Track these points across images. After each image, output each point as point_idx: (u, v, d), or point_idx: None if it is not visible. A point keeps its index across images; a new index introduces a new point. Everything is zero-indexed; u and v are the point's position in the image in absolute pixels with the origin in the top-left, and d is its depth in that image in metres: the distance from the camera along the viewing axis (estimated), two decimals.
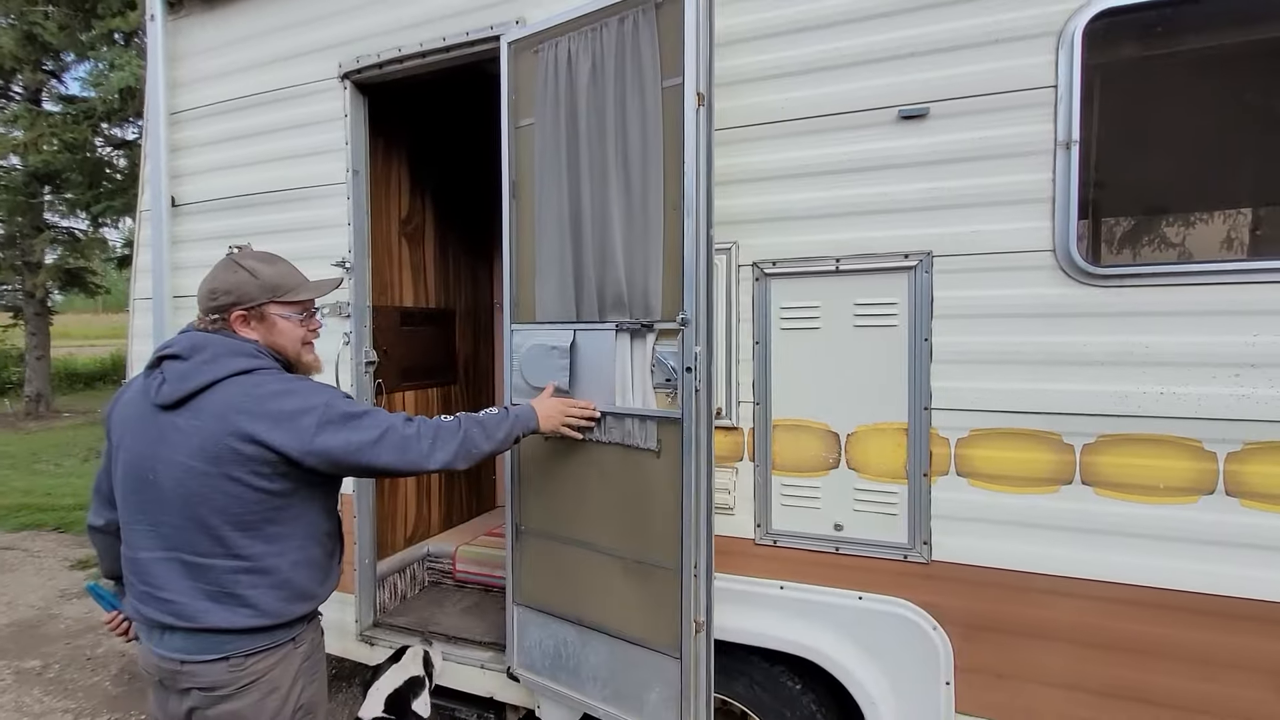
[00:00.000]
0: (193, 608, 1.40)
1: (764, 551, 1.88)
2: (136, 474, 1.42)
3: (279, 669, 1.48)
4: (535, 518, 2.09)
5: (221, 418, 1.35)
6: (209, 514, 1.37)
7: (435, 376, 3.03)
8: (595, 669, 1.96)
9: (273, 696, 1.48)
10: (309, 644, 1.56)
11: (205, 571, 1.40)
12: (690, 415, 1.71)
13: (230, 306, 1.45)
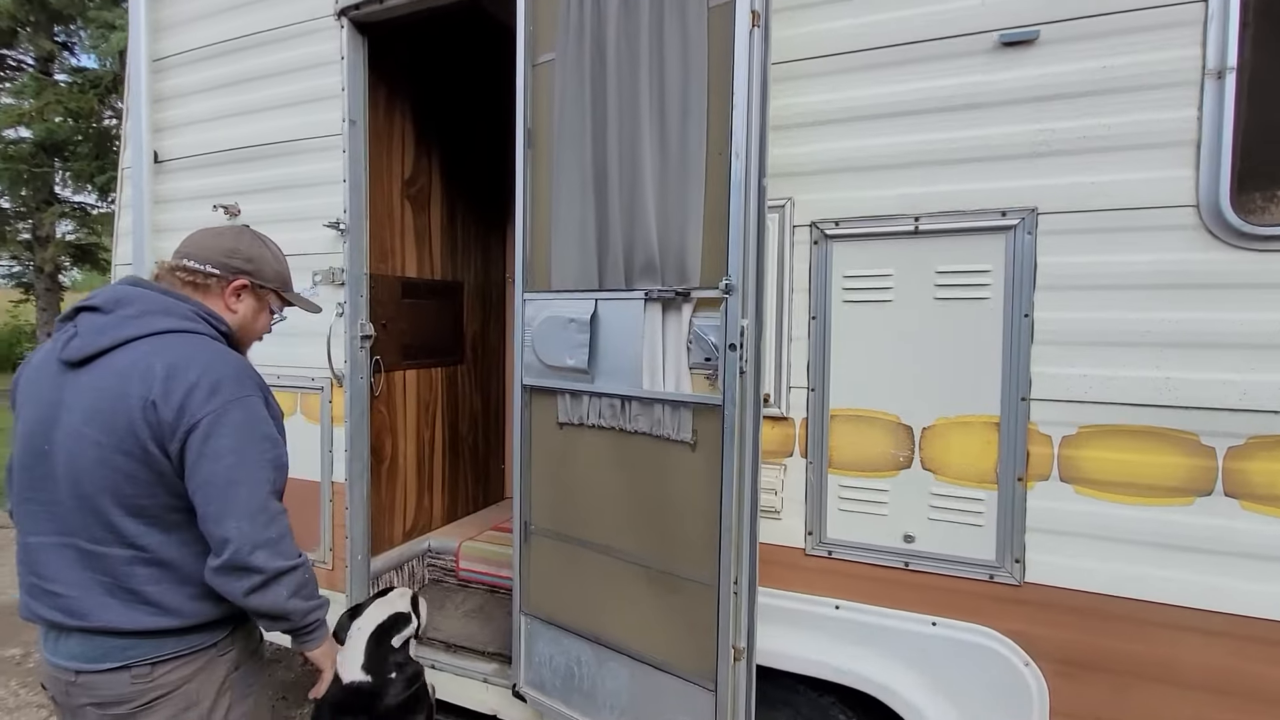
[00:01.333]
0: (85, 603, 1.18)
1: (816, 564, 1.59)
2: (31, 444, 1.21)
3: (196, 681, 1.25)
4: (547, 515, 1.82)
5: (124, 375, 1.15)
6: (99, 494, 1.16)
7: (440, 355, 2.76)
8: (613, 695, 1.69)
9: (189, 714, 1.25)
10: (239, 652, 1.32)
11: (99, 561, 1.18)
12: (733, 401, 1.42)
13: (241, 273, 1.33)
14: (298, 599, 1.24)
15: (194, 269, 1.30)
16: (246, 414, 1.21)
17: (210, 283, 1.31)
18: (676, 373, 1.54)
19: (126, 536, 1.18)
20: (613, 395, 1.64)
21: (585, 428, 1.71)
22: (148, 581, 1.20)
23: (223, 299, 1.33)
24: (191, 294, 1.29)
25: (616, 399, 1.63)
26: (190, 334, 1.23)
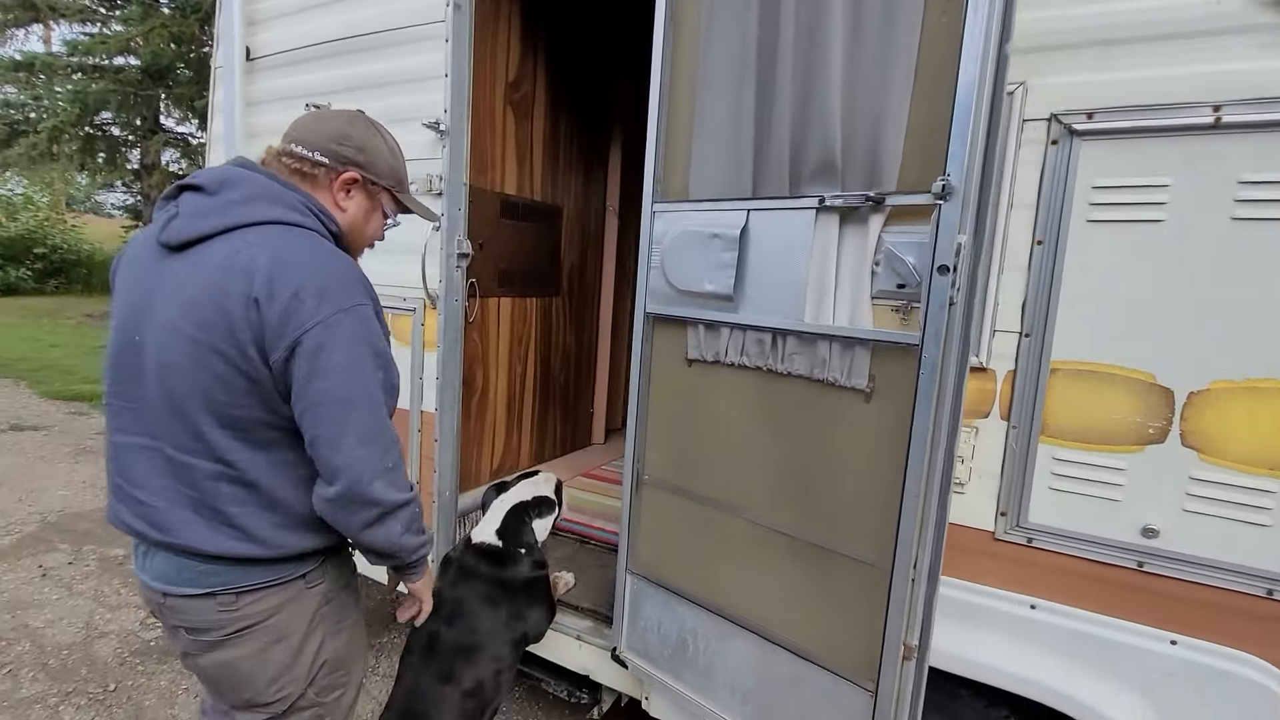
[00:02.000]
0: (169, 516, 1.08)
1: (1009, 552, 1.28)
2: (122, 334, 1.10)
3: (285, 612, 1.16)
4: (665, 466, 1.57)
5: (225, 267, 1.02)
6: (189, 396, 1.04)
7: (536, 285, 2.53)
8: (736, 676, 1.46)
9: (278, 648, 1.16)
10: (330, 585, 1.22)
11: (184, 471, 1.07)
12: (936, 339, 1.10)
13: (351, 164, 1.17)
14: (410, 534, 1.15)
15: (301, 155, 1.15)
16: (359, 325, 1.07)
17: (318, 173, 1.16)
18: (853, 302, 1.23)
19: (214, 449, 1.06)
20: (762, 328, 1.34)
21: (722, 366, 1.43)
22: (233, 502, 1.08)
23: (331, 193, 1.18)
24: (299, 184, 1.15)
25: (766, 333, 1.34)
26: (298, 228, 1.09)
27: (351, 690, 1.33)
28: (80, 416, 5.61)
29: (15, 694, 2.30)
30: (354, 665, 1.32)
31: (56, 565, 3.17)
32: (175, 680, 2.43)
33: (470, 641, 1.57)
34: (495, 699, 1.60)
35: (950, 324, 1.10)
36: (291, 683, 1.18)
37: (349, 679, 1.31)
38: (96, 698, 2.31)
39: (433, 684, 1.53)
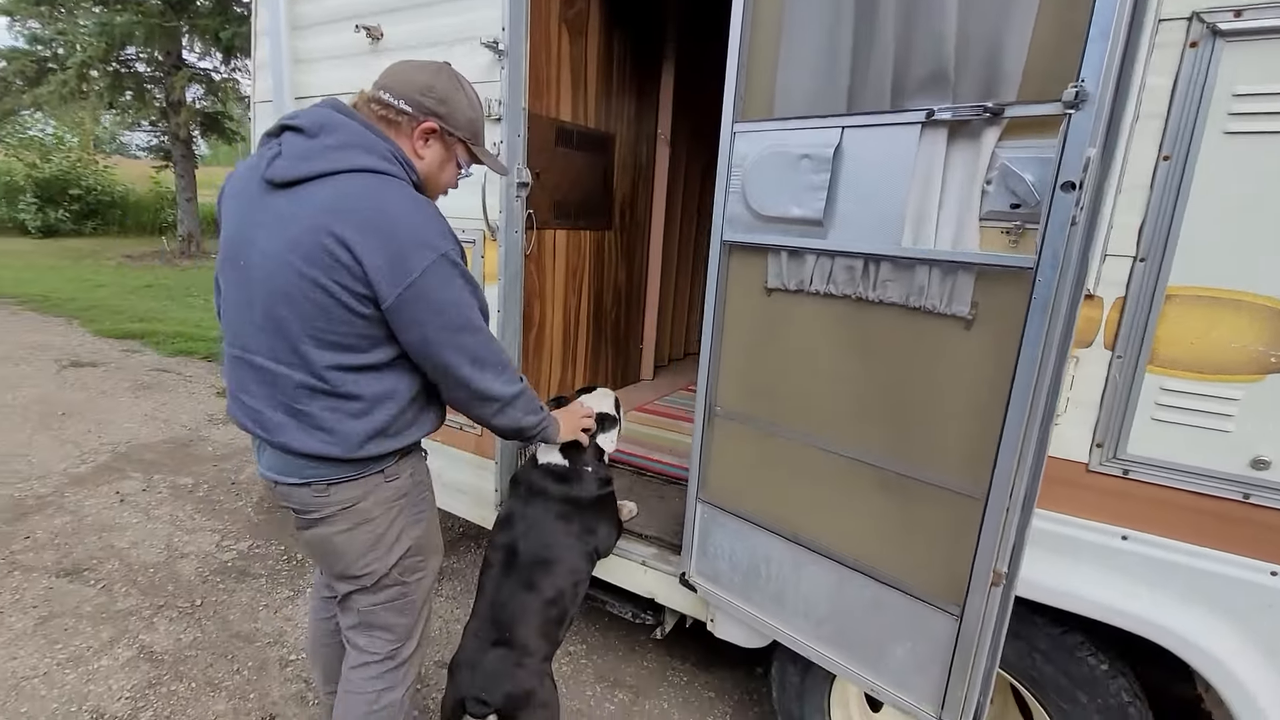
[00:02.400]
0: (270, 420, 1.25)
1: (1103, 483, 1.26)
2: (230, 258, 1.25)
3: (368, 501, 1.33)
4: (739, 397, 1.56)
5: (328, 212, 1.13)
6: (290, 318, 1.17)
7: (589, 218, 2.48)
8: (810, 601, 1.49)
9: (364, 529, 1.35)
10: (406, 480, 1.39)
11: (283, 382, 1.22)
12: (1053, 263, 1.05)
13: (432, 114, 1.27)
14: (528, 416, 1.38)
15: (388, 102, 1.25)
16: (454, 266, 1.20)
17: (402, 120, 1.26)
18: (958, 224, 1.17)
19: (310, 365, 1.20)
20: (853, 254, 1.29)
21: (805, 295, 1.39)
22: (324, 410, 1.22)
23: (411, 141, 1.28)
24: (385, 130, 1.25)
25: (858, 259, 1.29)
26: (389, 177, 1.19)
27: (430, 577, 1.52)
28: (134, 354, 5.79)
29: (112, 606, 2.47)
30: (431, 554, 1.50)
31: (132, 492, 3.35)
32: (255, 598, 2.58)
33: (547, 555, 1.65)
34: (572, 609, 1.68)
35: (1069, 246, 1.04)
36: (376, 561, 1.37)
37: (427, 565, 1.49)
38: (185, 611, 2.48)
39: (515, 593, 1.61)
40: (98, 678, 2.12)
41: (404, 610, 1.46)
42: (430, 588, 1.52)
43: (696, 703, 2.19)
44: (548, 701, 1.56)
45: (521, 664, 1.54)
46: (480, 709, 1.49)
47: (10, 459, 3.58)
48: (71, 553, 2.79)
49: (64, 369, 5.20)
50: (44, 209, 12.51)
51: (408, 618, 1.47)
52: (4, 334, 6.08)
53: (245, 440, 4.12)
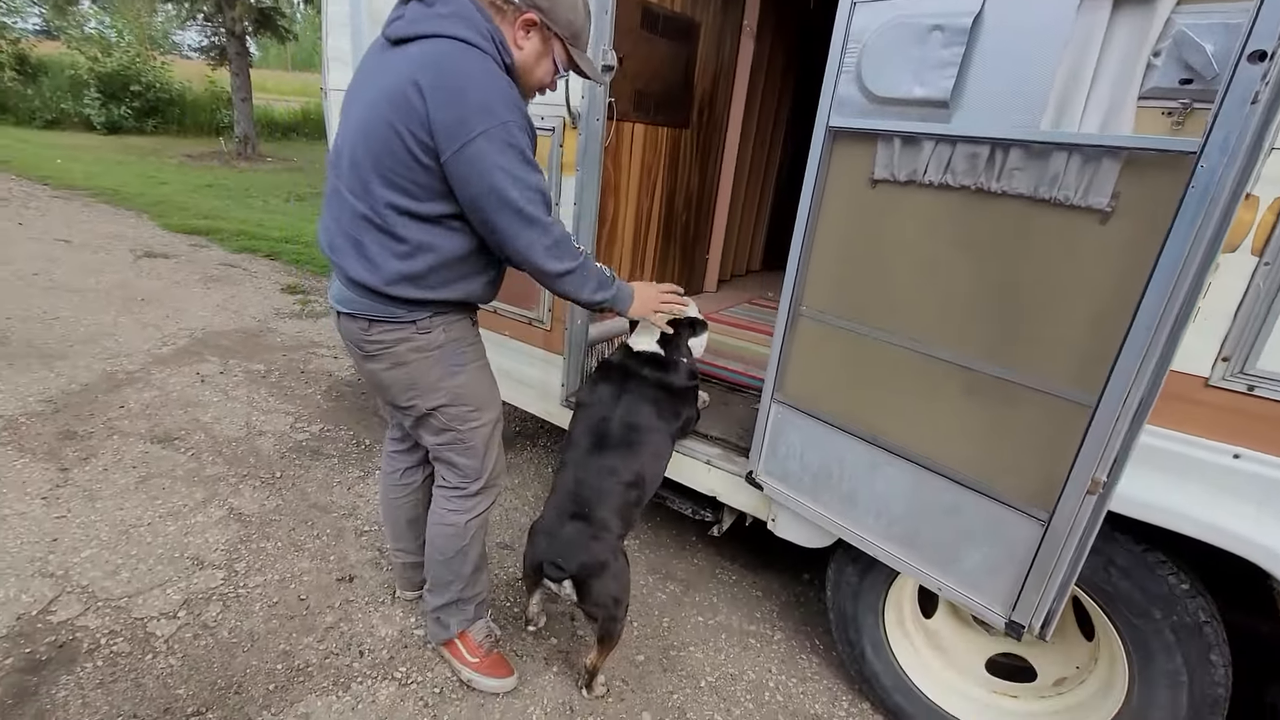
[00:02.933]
0: (339, 244, 1.42)
1: (1222, 400, 1.19)
2: (345, 104, 1.41)
3: (402, 348, 1.48)
4: (828, 296, 1.51)
5: (416, 65, 1.25)
6: (368, 156, 1.32)
7: (668, 112, 2.37)
8: (883, 502, 1.49)
9: (401, 371, 1.51)
10: (439, 335, 1.50)
11: (349, 210, 1.38)
12: (1223, 147, 0.94)
13: (535, 6, 1.34)
14: (587, 290, 1.45)
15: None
16: (512, 137, 1.27)
17: (507, 9, 1.33)
18: (1110, 105, 1.06)
19: (373, 199, 1.34)
20: (979, 140, 1.19)
21: (916, 187, 1.31)
22: (374, 244, 1.37)
23: (513, 30, 1.35)
24: (492, 14, 1.32)
25: (984, 145, 1.19)
26: (479, 51, 1.27)
27: (487, 426, 1.65)
28: (202, 249, 5.99)
29: (202, 472, 2.66)
30: (484, 404, 1.63)
31: (211, 373, 3.54)
32: (329, 475, 2.75)
33: (634, 438, 1.71)
34: (649, 493, 1.75)
35: (1246, 128, 0.93)
36: (416, 398, 1.55)
37: (481, 415, 1.62)
38: (267, 481, 2.66)
39: (598, 473, 1.68)
40: (195, 531, 2.32)
41: (465, 453, 1.64)
42: (490, 435, 1.66)
43: (744, 600, 2.27)
44: (620, 574, 1.64)
45: (598, 537, 1.61)
46: (557, 573, 1.60)
47: (100, 337, 3.81)
48: (161, 423, 2.99)
49: (139, 259, 5.42)
50: (107, 104, 12.70)
51: (472, 460, 1.65)
52: (82, 223, 6.34)
53: (312, 334, 4.28)
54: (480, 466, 1.66)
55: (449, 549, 1.71)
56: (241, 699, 1.71)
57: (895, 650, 1.76)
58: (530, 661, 1.92)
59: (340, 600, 2.07)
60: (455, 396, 1.56)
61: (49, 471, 2.54)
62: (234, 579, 2.12)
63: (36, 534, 2.20)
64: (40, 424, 2.86)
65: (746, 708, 1.84)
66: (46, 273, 4.79)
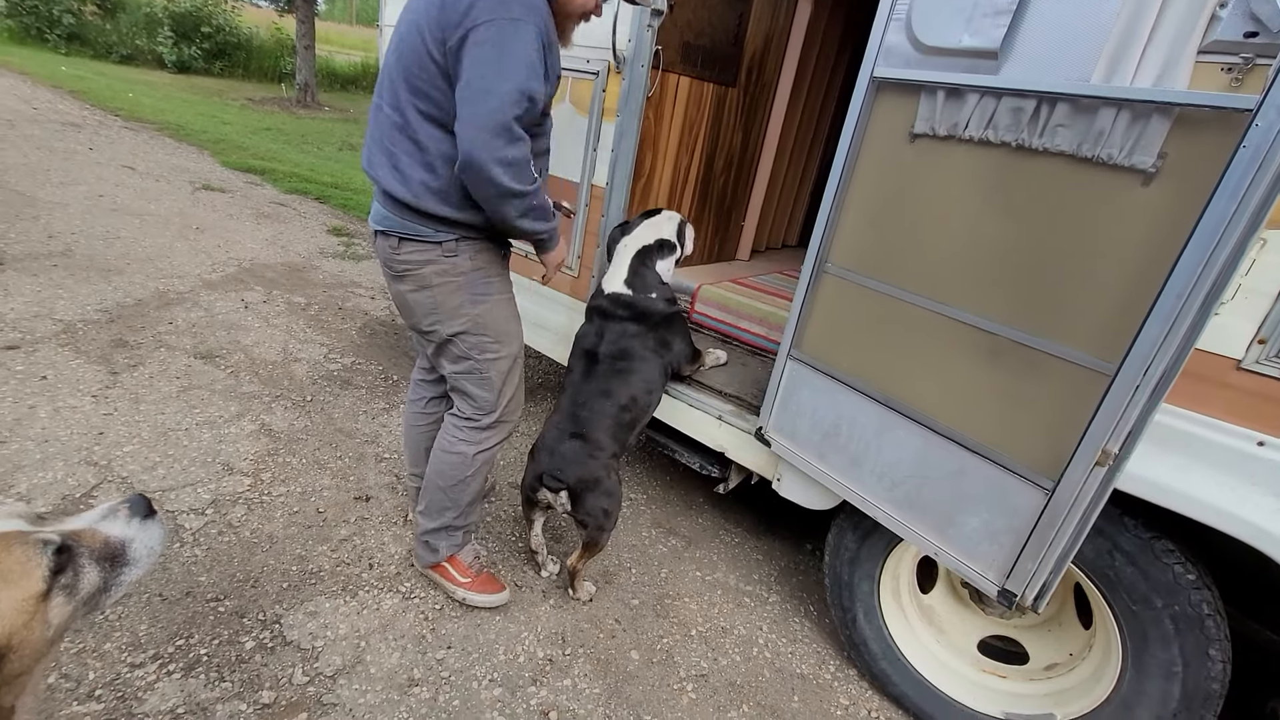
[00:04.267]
0: (376, 157, 1.48)
1: (1250, 383, 1.15)
2: (397, 24, 1.46)
3: (428, 270, 1.52)
4: (856, 254, 1.50)
5: None
6: (396, 63, 1.40)
7: (715, 68, 2.34)
8: (890, 465, 1.48)
9: (425, 294, 1.56)
10: (465, 261, 1.53)
11: (384, 122, 1.44)
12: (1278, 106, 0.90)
13: None
14: (527, 219, 1.44)
15: None
16: (518, 35, 1.28)
17: None
18: (1167, 58, 1.02)
19: (402, 109, 1.41)
20: (1026, 93, 1.16)
21: (955, 142, 1.27)
22: (404, 153, 1.42)
23: None
24: None
25: (1030, 99, 1.15)
26: None
27: (505, 360, 1.67)
28: (256, 187, 6.18)
29: (238, 389, 2.79)
30: (504, 338, 1.65)
31: (254, 301, 3.69)
32: (355, 404, 2.85)
33: (624, 366, 1.81)
34: (643, 418, 1.84)
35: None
36: (438, 323, 1.59)
37: (500, 348, 1.65)
38: (298, 403, 2.77)
39: (593, 397, 1.78)
40: (227, 440, 2.44)
41: (481, 385, 1.67)
42: (508, 370, 1.69)
43: (744, 561, 2.29)
44: (611, 491, 1.76)
45: (593, 455, 1.72)
46: (555, 484, 1.72)
47: (156, 259, 3.99)
48: (205, 341, 3.13)
49: (197, 190, 5.63)
50: (179, 44, 13.10)
51: (487, 392, 1.68)
52: (148, 153, 6.60)
53: (353, 274, 4.40)
54: (495, 400, 1.70)
55: (453, 476, 1.75)
56: (257, 592, 1.82)
57: (887, 620, 1.77)
58: (529, 592, 1.98)
59: (356, 517, 2.17)
60: (476, 324, 1.60)
61: (100, 374, 2.70)
62: (259, 486, 2.23)
63: (85, 427, 2.34)
64: (95, 331, 3.03)
65: (733, 659, 1.87)
66: (111, 196, 5.02)
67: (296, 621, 1.74)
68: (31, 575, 0.74)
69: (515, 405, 1.77)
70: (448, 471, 1.75)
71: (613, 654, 1.82)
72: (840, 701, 1.79)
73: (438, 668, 1.68)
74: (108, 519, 0.86)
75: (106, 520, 0.86)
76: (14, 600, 0.72)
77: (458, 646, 1.75)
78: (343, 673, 1.62)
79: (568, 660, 1.77)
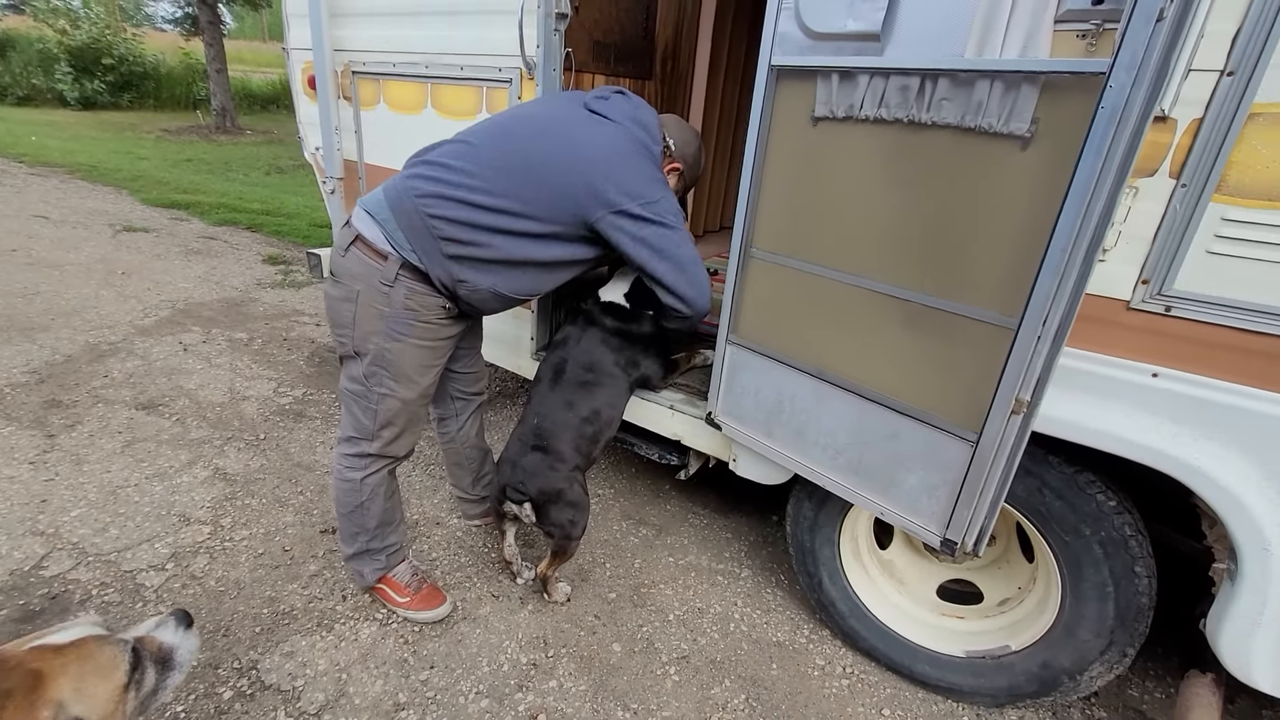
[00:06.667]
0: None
1: (1140, 321, 1.24)
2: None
3: (360, 284, 1.55)
4: (776, 238, 1.55)
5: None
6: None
7: (629, 63, 2.36)
8: (829, 433, 1.55)
9: (346, 305, 1.57)
10: (396, 298, 1.54)
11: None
12: (1129, 67, 0.97)
13: (683, 160, 1.74)
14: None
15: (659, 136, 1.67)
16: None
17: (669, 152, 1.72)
18: (1029, 30, 1.08)
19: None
20: (909, 71, 1.22)
21: (853, 122, 1.33)
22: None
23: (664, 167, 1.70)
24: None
25: (914, 77, 1.21)
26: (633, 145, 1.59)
27: (395, 402, 1.64)
28: (182, 222, 5.95)
29: (186, 436, 2.72)
30: (403, 381, 1.63)
31: (193, 342, 3.58)
32: (312, 436, 2.81)
33: (589, 379, 1.80)
34: (606, 431, 1.83)
35: (1151, 46, 0.96)
36: (346, 339, 1.60)
37: (396, 388, 1.63)
38: (251, 443, 2.72)
39: (556, 408, 1.78)
40: (181, 490, 2.38)
41: (364, 412, 1.67)
42: (396, 412, 1.66)
43: (714, 542, 2.36)
44: (576, 501, 1.76)
45: (554, 468, 1.72)
46: (518, 496, 1.73)
47: (82, 310, 3.82)
48: (146, 391, 3.03)
49: (118, 233, 5.40)
50: (80, 79, 12.41)
51: (368, 420, 1.67)
52: (60, 199, 6.28)
53: (294, 302, 4.29)
54: (373, 430, 1.68)
55: (349, 503, 1.77)
56: (229, 640, 1.80)
57: (850, 579, 1.85)
58: (506, 601, 2.01)
59: (324, 550, 2.15)
60: (380, 358, 1.59)
61: (36, 438, 2.59)
62: (220, 533, 2.19)
63: (25, 496, 2.26)
64: (25, 394, 2.90)
65: (712, 637, 1.94)
66: (25, 249, 4.77)
67: (274, 664, 1.73)
68: (119, 670, 0.90)
69: (399, 446, 1.74)
70: (344, 499, 1.77)
71: (595, 649, 1.87)
72: (816, 662, 1.88)
73: (422, 689, 1.70)
74: (160, 628, 1.03)
75: (159, 629, 1.03)
76: (108, 691, 0.87)
77: (440, 665, 1.77)
78: (326, 709, 1.63)
79: (551, 662, 1.81)
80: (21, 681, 0.79)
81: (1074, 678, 1.54)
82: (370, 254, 1.54)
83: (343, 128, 2.54)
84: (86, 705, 0.84)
